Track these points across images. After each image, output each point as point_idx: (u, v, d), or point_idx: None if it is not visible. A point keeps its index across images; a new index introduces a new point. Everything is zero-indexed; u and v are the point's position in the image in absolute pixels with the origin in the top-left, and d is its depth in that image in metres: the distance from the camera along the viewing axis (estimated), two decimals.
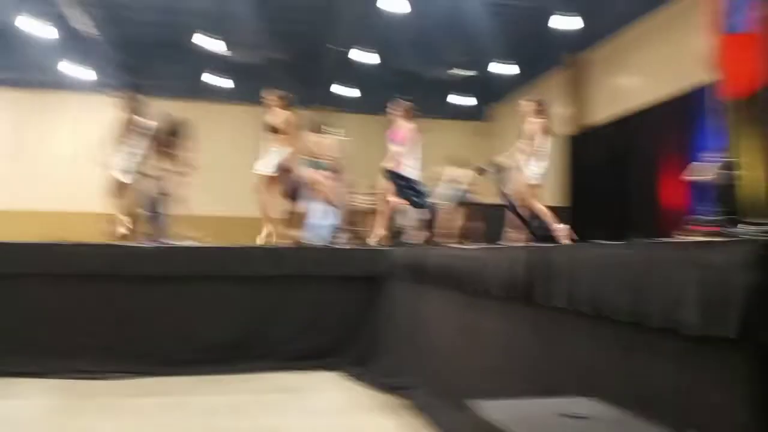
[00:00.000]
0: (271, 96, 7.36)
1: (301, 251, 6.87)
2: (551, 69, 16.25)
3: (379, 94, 19.27)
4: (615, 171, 12.86)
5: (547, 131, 6.75)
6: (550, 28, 14.10)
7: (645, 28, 12.94)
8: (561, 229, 6.65)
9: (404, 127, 7.27)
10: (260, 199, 7.44)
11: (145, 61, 18.13)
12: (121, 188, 7.07)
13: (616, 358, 2.54)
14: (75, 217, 15.65)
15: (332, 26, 15.12)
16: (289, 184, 7.48)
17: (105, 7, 14.96)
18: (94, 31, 14.71)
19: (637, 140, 12.54)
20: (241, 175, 9.54)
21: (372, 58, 16.35)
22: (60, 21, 14.71)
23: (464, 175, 10.26)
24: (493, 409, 2.00)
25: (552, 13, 13.55)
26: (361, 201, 10.28)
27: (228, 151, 16.23)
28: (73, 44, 16.17)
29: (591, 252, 2.77)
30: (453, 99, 19.22)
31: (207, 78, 17.38)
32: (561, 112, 15.80)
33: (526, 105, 7.00)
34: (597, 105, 14.90)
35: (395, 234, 9.67)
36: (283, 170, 7.24)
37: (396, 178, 7.16)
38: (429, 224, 8.67)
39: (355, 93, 18.69)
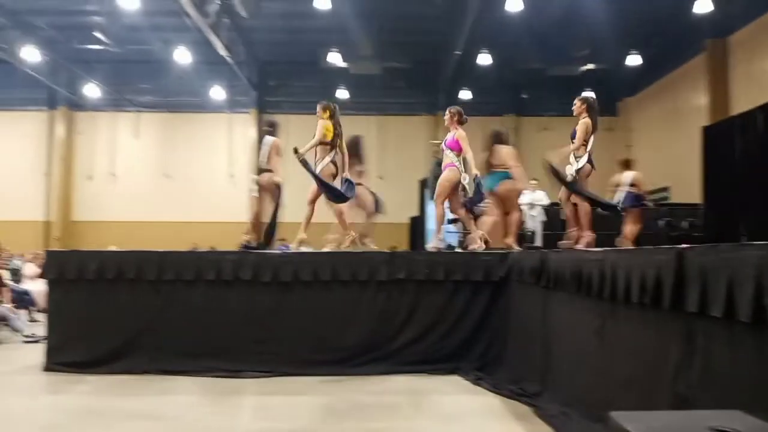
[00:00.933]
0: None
1: (427, 256, 6.88)
2: (687, 57, 15.02)
3: (500, 95, 19.02)
4: (759, 163, 11.46)
5: (593, 130, 6.68)
6: (685, 13, 13.07)
7: None
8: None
9: (457, 134, 6.99)
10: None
11: (278, 79, 19.27)
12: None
13: None
14: (218, 227, 16.97)
15: (453, 31, 15.06)
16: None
17: (236, 30, 16.08)
18: (230, 54, 15.80)
19: None
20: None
21: (492, 60, 16.10)
22: (198, 47, 16.04)
23: (633, 176, 9.41)
24: (636, 421, 1.83)
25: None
26: (483, 205, 10.04)
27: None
28: (213, 68, 17.58)
29: (752, 254, 2.46)
30: (585, 95, 18.31)
31: (338, 93, 17.98)
32: (700, 102, 14.54)
33: (578, 105, 6.87)
34: (739, 92, 13.51)
35: (524, 238, 9.39)
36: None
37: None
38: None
39: (472, 96, 18.46)
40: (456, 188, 7.00)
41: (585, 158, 6.57)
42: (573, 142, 6.68)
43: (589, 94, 7.15)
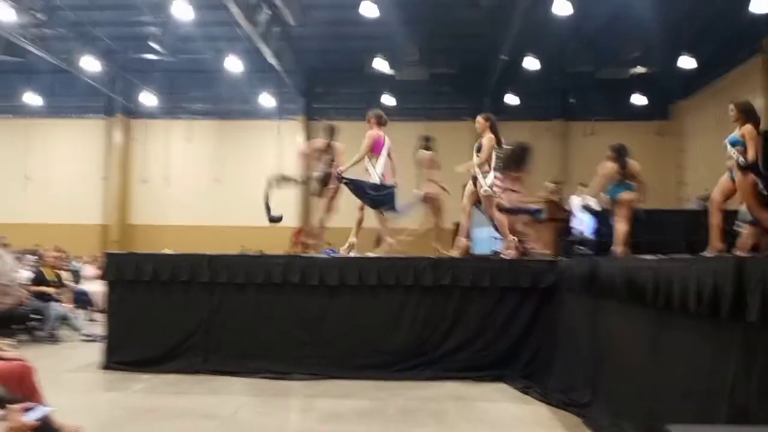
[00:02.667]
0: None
1: (473, 263, 6.85)
2: (743, 58, 14.47)
3: (547, 99, 18.76)
4: None
5: (498, 144, 6.85)
6: (741, 13, 12.61)
7: None
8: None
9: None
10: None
11: (325, 86, 19.52)
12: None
13: None
14: (265, 232, 17.26)
15: (500, 36, 14.95)
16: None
17: (285, 39, 16.38)
18: (279, 62, 16.11)
19: None
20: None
21: (538, 64, 15.90)
22: (248, 55, 16.41)
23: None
24: None
25: None
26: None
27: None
28: (262, 76, 17.95)
29: None
30: (634, 99, 17.95)
31: (383, 99, 18.06)
32: (756, 104, 13.99)
33: (480, 121, 7.04)
34: None
35: (571, 244, 9.23)
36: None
37: None
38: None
39: (519, 101, 18.29)
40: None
41: (491, 174, 6.67)
42: (478, 156, 6.82)
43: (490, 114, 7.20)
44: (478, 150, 6.89)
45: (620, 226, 6.91)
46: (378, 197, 6.97)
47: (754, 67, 14.02)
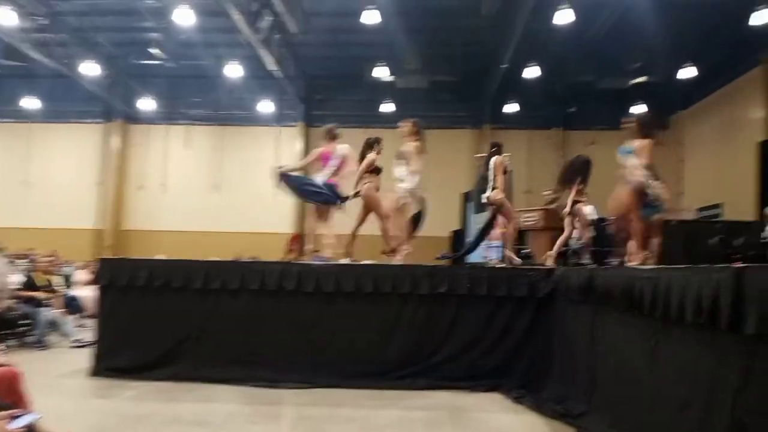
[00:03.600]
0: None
1: (470, 271, 6.79)
2: (743, 70, 14.47)
3: (547, 108, 18.76)
4: None
5: (421, 152, 6.92)
6: (741, 26, 12.64)
7: None
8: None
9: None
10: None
11: (325, 93, 19.52)
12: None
13: None
14: (262, 238, 17.22)
15: (501, 44, 14.95)
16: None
17: (286, 45, 16.40)
18: (279, 68, 16.11)
19: None
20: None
21: (539, 73, 15.93)
22: (249, 62, 16.42)
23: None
24: None
25: (743, 9, 12.13)
26: (526, 219, 9.81)
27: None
28: (262, 82, 17.96)
29: None
30: (634, 109, 17.94)
31: (384, 106, 18.12)
32: (756, 116, 13.98)
33: (404, 126, 7.05)
34: None
35: (566, 253, 9.16)
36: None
37: None
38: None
39: (519, 109, 18.33)
40: None
41: (417, 178, 6.68)
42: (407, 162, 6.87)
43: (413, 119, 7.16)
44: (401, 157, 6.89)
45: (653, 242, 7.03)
46: (316, 191, 6.86)
47: (753, 78, 14.04)
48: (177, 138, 19.65)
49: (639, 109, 17.88)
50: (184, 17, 13.34)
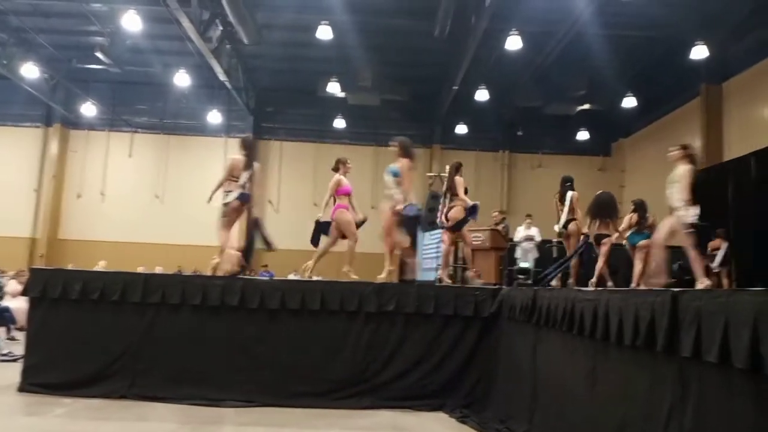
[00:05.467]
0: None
1: (419, 289, 6.78)
2: (683, 101, 15.21)
3: (495, 131, 19.20)
4: (751, 208, 11.42)
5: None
6: (682, 59, 13.33)
7: None
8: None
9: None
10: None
11: (275, 105, 19.35)
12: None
13: None
14: (205, 251, 16.78)
15: (452, 67, 15.22)
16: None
17: (237, 56, 16.22)
18: (229, 79, 15.90)
19: None
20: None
21: (489, 96, 16.31)
22: (198, 71, 16.14)
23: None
24: None
25: (684, 44, 12.81)
26: (473, 239, 9.88)
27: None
28: (212, 92, 17.68)
29: (748, 300, 2.40)
30: (579, 135, 18.65)
31: (335, 122, 18.16)
32: (694, 145, 14.66)
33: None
34: (733, 138, 13.61)
35: (512, 274, 9.31)
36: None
37: None
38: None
39: (468, 131, 18.74)
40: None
41: (235, 193, 6.58)
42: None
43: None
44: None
45: (638, 265, 7.61)
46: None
47: (692, 110, 14.73)
48: (119, 145, 19.06)
49: (583, 135, 18.60)
50: (132, 23, 13.01)
